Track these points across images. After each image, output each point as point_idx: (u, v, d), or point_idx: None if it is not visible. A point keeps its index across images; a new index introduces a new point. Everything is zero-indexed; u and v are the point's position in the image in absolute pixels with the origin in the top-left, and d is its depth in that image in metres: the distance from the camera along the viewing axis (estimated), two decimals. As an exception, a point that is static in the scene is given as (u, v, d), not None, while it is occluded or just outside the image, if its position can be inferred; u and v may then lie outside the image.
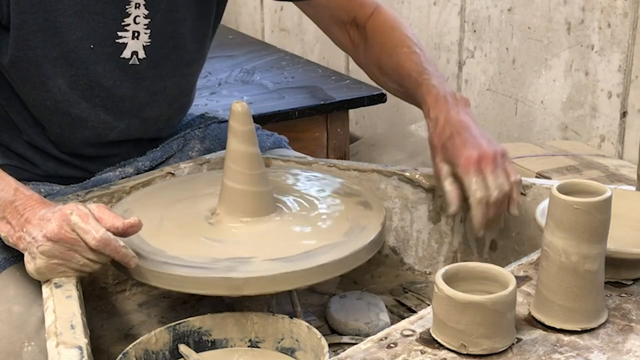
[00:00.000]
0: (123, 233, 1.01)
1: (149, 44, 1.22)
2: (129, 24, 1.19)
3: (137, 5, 1.19)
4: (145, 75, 1.25)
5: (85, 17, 1.17)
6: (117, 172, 1.30)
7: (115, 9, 1.18)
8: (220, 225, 1.10)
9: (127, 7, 1.19)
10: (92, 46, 1.18)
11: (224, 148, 1.11)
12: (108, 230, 1.00)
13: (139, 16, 1.20)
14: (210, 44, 1.37)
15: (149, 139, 1.36)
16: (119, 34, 1.19)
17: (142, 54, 1.22)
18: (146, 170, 1.33)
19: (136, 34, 1.20)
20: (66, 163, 1.30)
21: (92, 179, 1.29)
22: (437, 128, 1.19)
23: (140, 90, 1.26)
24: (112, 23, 1.19)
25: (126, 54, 1.21)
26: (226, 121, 1.40)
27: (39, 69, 1.18)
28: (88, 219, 0.98)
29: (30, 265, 1.01)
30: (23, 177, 1.27)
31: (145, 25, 1.20)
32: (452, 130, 1.17)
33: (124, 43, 1.20)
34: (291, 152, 1.46)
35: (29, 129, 1.27)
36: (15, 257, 1.09)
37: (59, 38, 1.16)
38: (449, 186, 1.17)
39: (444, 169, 1.17)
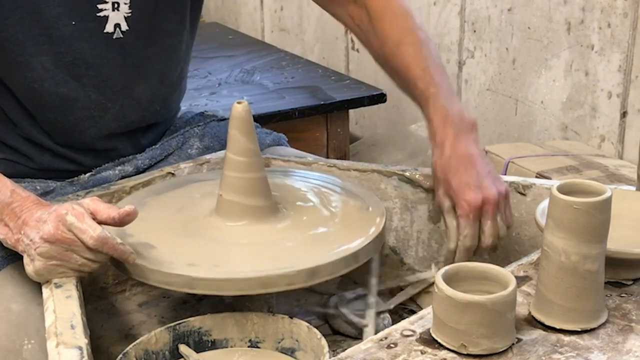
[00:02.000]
0: (120, 222, 1.01)
1: (129, 14, 1.22)
2: None
3: None
4: (130, 48, 1.24)
5: None
6: (116, 171, 1.30)
7: None
8: (221, 225, 1.10)
9: None
10: (73, 22, 1.18)
11: (224, 146, 1.11)
12: (104, 221, 1.00)
13: None
14: (196, 16, 1.35)
15: (144, 131, 1.35)
16: (99, 6, 1.19)
17: (124, 26, 1.22)
18: (146, 168, 1.33)
19: (116, 5, 1.20)
20: (61, 156, 1.29)
21: (93, 178, 1.28)
22: (442, 158, 1.16)
23: (127, 66, 1.25)
24: None
25: (109, 27, 1.21)
26: (225, 119, 1.39)
27: (21, 47, 1.17)
28: (84, 218, 0.98)
29: (29, 267, 1.01)
30: (18, 171, 1.27)
31: None
32: (457, 165, 1.14)
33: (105, 16, 1.20)
34: (291, 151, 1.46)
35: (22, 121, 1.26)
36: (13, 255, 1.09)
37: (38, 14, 1.16)
38: (450, 222, 1.15)
39: (446, 203, 1.16)
